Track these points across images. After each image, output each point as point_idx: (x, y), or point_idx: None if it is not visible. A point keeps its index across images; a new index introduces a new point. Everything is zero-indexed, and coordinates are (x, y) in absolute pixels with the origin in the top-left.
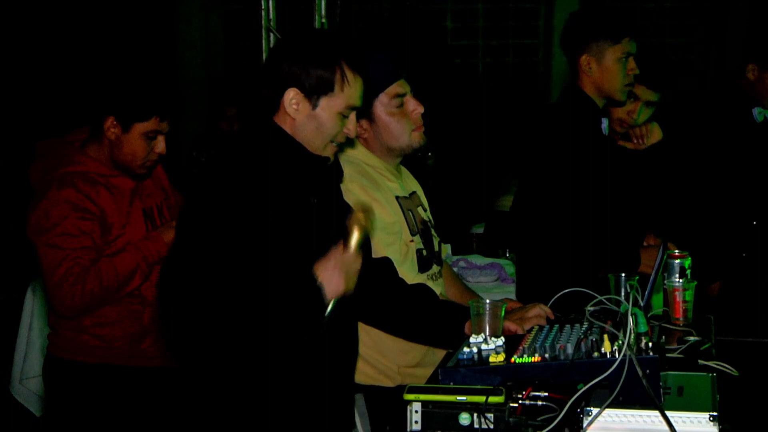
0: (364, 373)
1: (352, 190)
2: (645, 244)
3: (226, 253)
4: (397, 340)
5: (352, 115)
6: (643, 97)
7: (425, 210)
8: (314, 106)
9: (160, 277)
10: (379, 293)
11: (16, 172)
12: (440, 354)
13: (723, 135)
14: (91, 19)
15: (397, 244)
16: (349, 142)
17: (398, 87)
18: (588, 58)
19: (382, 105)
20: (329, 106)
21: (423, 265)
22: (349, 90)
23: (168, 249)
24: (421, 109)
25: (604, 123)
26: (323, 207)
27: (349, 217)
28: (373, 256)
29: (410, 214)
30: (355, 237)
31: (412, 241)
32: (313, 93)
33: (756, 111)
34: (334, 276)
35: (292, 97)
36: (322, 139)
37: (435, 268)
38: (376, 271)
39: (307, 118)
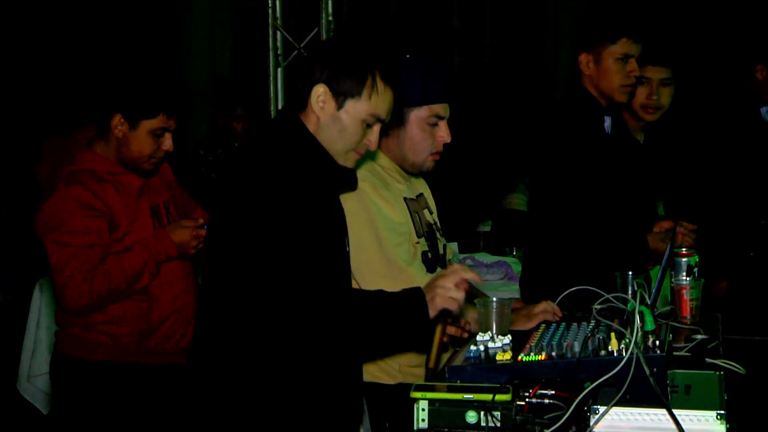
0: (365, 371)
1: (363, 189)
2: (656, 230)
3: (266, 248)
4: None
5: (376, 127)
6: (655, 77)
7: (431, 213)
8: (339, 107)
9: (204, 276)
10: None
11: (24, 171)
12: (442, 355)
13: (731, 134)
14: (98, 18)
15: (405, 245)
16: (370, 154)
17: (442, 109)
18: (587, 56)
19: (418, 117)
20: (354, 110)
21: (429, 267)
22: (377, 99)
23: (176, 249)
24: (448, 140)
25: (607, 121)
26: (332, 211)
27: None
28: (383, 255)
29: (416, 216)
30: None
31: (417, 242)
32: (341, 93)
33: (764, 110)
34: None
35: (320, 93)
36: (343, 144)
37: (439, 271)
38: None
39: (331, 118)
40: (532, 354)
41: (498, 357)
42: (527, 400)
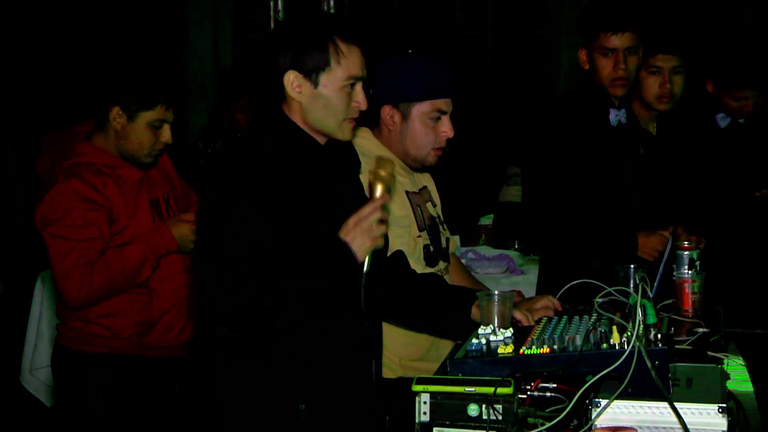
0: None
1: (362, 182)
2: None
3: (246, 238)
4: (402, 332)
5: (359, 87)
6: (665, 65)
7: (435, 206)
8: (315, 85)
9: (193, 269)
10: (391, 285)
11: (24, 165)
12: (444, 349)
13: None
14: (97, 10)
15: (405, 238)
16: (374, 148)
17: (444, 104)
18: (584, 51)
19: (420, 111)
20: (330, 82)
21: (429, 261)
22: (347, 61)
23: (176, 244)
24: (451, 134)
25: (612, 113)
26: (339, 191)
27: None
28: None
29: (419, 209)
30: (378, 190)
31: (419, 236)
32: (311, 72)
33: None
34: (357, 234)
35: (292, 80)
36: (334, 117)
37: (441, 264)
38: (388, 265)
39: (312, 98)
40: (533, 347)
41: (500, 350)
42: (529, 393)
